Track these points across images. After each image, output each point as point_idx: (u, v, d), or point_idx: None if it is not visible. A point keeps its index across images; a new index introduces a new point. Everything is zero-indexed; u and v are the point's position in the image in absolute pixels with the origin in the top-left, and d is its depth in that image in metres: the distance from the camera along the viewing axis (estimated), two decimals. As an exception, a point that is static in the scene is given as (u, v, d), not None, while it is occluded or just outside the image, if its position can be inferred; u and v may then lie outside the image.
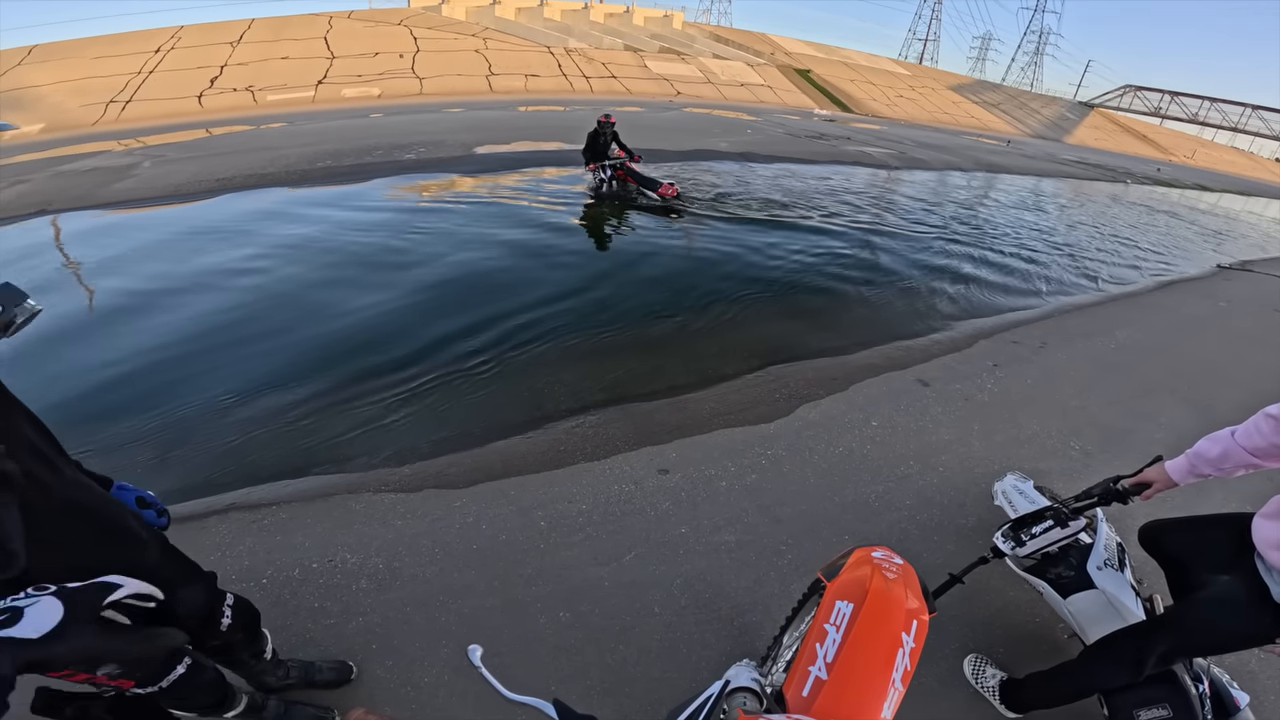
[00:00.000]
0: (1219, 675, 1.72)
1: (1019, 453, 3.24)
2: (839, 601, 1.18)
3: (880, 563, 1.28)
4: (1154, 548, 1.78)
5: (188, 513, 2.53)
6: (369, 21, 33.93)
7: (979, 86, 61.35)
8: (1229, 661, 2.09)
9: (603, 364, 3.98)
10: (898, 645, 1.09)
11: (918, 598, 1.21)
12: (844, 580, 1.25)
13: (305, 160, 10.51)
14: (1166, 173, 30.95)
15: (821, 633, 1.13)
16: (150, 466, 2.90)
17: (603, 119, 8.44)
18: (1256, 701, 1.97)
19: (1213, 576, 1.50)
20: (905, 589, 1.20)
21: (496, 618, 2.08)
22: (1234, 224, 16.00)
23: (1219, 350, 5.15)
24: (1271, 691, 2.06)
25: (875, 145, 19.75)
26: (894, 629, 1.11)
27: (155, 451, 3.01)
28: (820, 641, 1.11)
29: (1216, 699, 1.65)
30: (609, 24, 44.85)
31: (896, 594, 1.17)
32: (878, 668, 1.06)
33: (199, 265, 5.58)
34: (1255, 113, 57.91)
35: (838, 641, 1.10)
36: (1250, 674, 2.10)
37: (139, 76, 24.65)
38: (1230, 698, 1.66)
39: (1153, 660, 1.51)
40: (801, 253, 6.77)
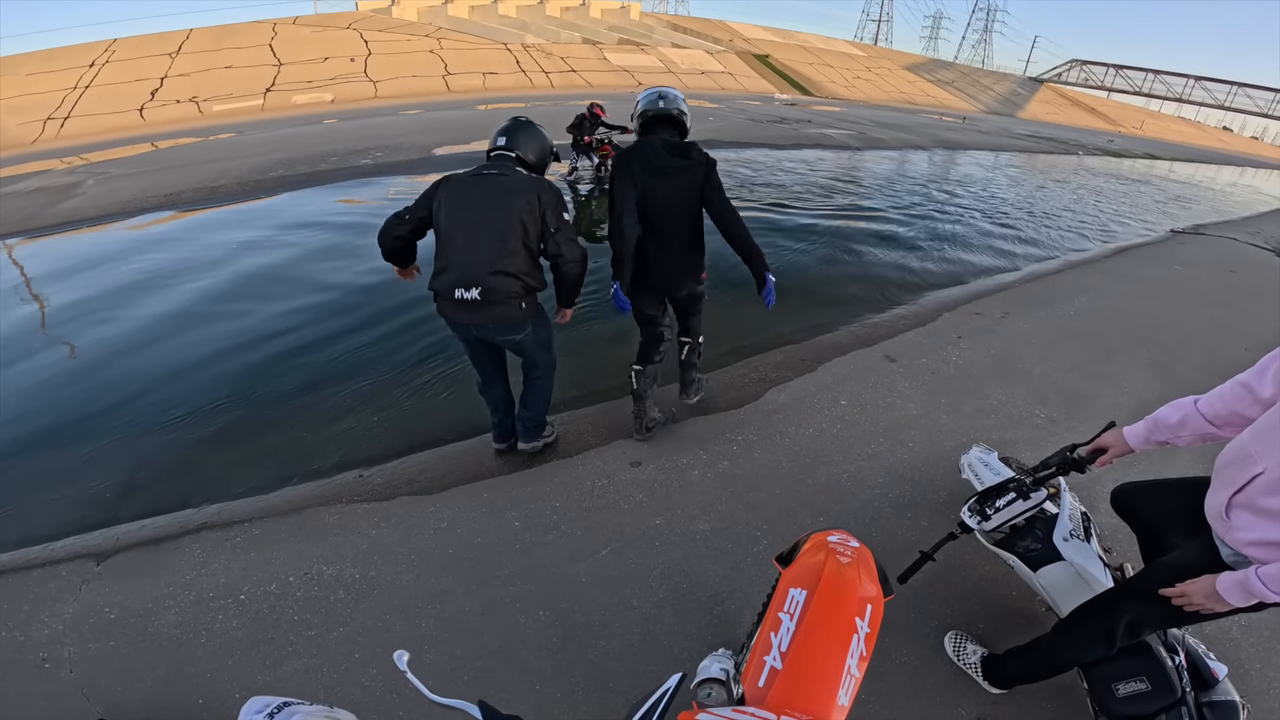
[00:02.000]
0: (1195, 646, 1.70)
1: (986, 423, 3.29)
2: (793, 589, 1.16)
3: (835, 547, 1.26)
4: (1126, 512, 1.77)
5: (160, 534, 2.50)
6: (315, 26, 32.93)
7: (933, 65, 62.28)
8: (1209, 630, 2.10)
9: (569, 359, 3.92)
10: (852, 631, 1.08)
11: (873, 581, 1.21)
12: (798, 567, 1.24)
13: (257, 170, 10.18)
14: (1118, 144, 31.83)
15: (776, 621, 1.11)
16: (118, 491, 2.85)
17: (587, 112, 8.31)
18: (1240, 670, 2.00)
19: (1179, 542, 1.48)
20: (860, 573, 1.19)
21: (476, 620, 2.07)
22: (1186, 190, 16.55)
23: (1176, 312, 5.29)
24: (1255, 660, 2.07)
25: (836, 127, 19.91)
26: (848, 615, 1.10)
27: (122, 474, 2.96)
28: (775, 630, 1.10)
29: (1194, 670, 1.63)
30: (566, 18, 44.33)
31: (850, 578, 1.16)
32: (832, 655, 1.05)
33: (145, 282, 5.37)
34: (1198, 83, 59.91)
35: (792, 630, 1.09)
36: (1233, 642, 2.11)
37: (75, 92, 23.58)
38: (1208, 669, 1.64)
39: (1122, 631, 1.48)
40: (765, 236, 6.78)
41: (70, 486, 2.88)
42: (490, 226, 2.25)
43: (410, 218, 2.34)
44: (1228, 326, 5.02)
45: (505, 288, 2.28)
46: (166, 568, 2.31)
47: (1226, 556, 1.28)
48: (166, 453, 3.12)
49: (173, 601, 2.16)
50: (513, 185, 2.28)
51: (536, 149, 2.47)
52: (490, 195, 2.29)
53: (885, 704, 1.85)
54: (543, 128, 2.50)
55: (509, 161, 2.36)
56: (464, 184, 2.29)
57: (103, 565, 2.34)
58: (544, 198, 2.30)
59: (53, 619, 2.10)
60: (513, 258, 2.27)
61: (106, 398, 3.61)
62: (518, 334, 2.45)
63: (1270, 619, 2.16)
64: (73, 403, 3.59)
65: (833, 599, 1.13)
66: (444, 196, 2.29)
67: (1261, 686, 1.98)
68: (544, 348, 2.64)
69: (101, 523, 2.63)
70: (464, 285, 2.26)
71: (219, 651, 1.98)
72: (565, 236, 2.32)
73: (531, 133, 2.46)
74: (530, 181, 2.31)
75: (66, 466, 3.03)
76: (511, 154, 2.38)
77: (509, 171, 2.31)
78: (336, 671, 1.91)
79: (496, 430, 2.89)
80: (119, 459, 3.07)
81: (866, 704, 1.84)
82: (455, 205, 2.28)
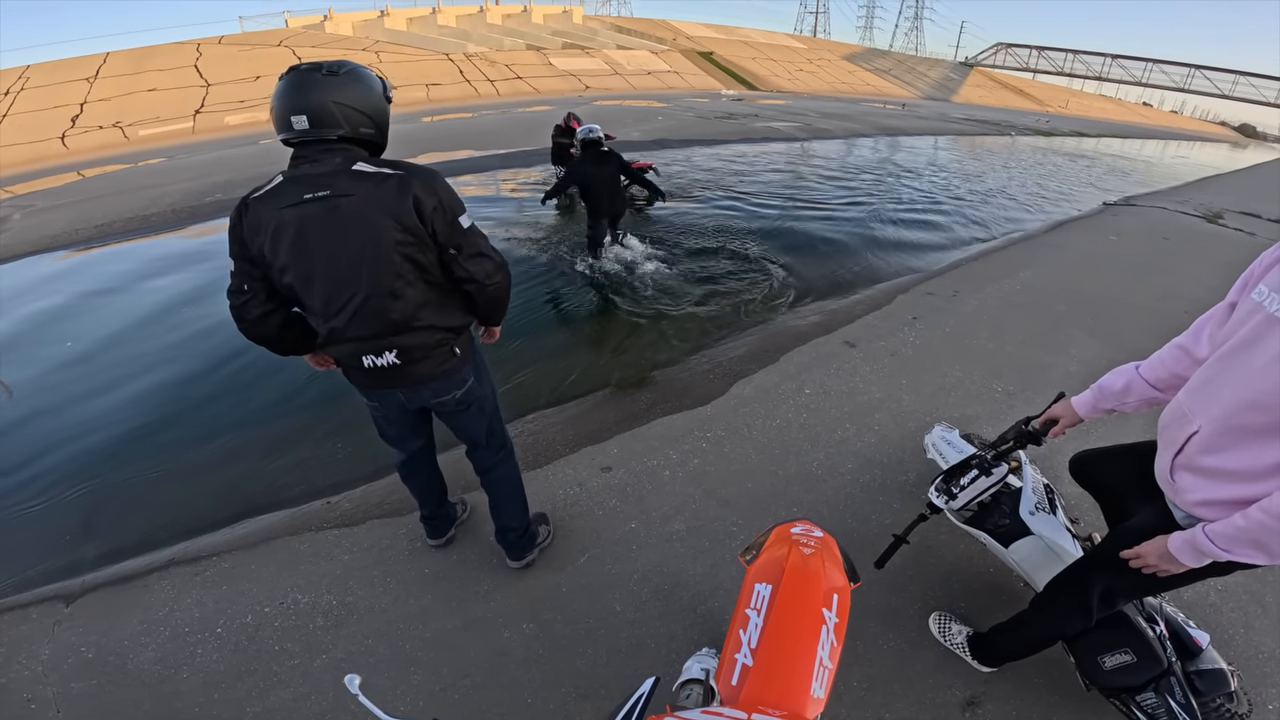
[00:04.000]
0: (1174, 615, 1.71)
1: (947, 401, 3.35)
2: (758, 584, 1.15)
3: (798, 539, 1.25)
4: (1084, 479, 1.78)
5: (127, 573, 2.43)
6: (243, 45, 31.79)
7: (870, 54, 64.12)
8: (1187, 597, 2.14)
9: (528, 370, 3.88)
10: (820, 622, 1.06)
11: (839, 570, 1.19)
12: (762, 562, 1.22)
13: (192, 196, 9.75)
14: (1044, 123, 33.26)
15: (744, 618, 1.10)
16: (77, 535, 2.74)
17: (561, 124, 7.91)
18: (1224, 636, 2.03)
19: (1137, 507, 1.47)
20: (824, 563, 1.18)
21: (460, 638, 2.03)
22: (1114, 164, 17.39)
23: (1116, 280, 5.52)
24: (1238, 625, 2.09)
25: (782, 120, 20.28)
26: (815, 606, 1.09)
27: (80, 516, 2.86)
28: (744, 627, 1.08)
29: (1177, 640, 1.63)
30: (508, 25, 43.97)
31: (814, 569, 1.15)
32: (802, 647, 1.03)
33: (86, 314, 5.07)
34: (1115, 61, 63.22)
35: (760, 625, 1.07)
36: (1212, 607, 2.14)
37: None
38: (1190, 638, 1.64)
39: (1096, 601, 1.48)
40: (719, 232, 6.85)
41: (27, 531, 2.80)
42: (356, 276, 1.52)
43: (250, 288, 1.57)
44: (1166, 291, 5.27)
45: (426, 340, 1.68)
46: (137, 606, 2.25)
47: (1180, 519, 1.30)
48: (122, 493, 3.00)
49: (149, 638, 2.11)
50: (363, 207, 1.46)
51: (363, 104, 1.52)
52: (334, 233, 1.47)
53: (877, 689, 1.85)
54: (359, 70, 1.55)
55: (332, 154, 1.48)
56: (282, 223, 1.46)
57: (72, 606, 2.28)
58: (423, 204, 1.50)
59: (30, 660, 2.07)
60: (411, 308, 1.61)
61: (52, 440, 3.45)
62: (459, 388, 1.85)
63: (1247, 583, 2.24)
64: (18, 445, 3.43)
65: (798, 591, 1.12)
66: (265, 242, 1.48)
67: (1249, 652, 2.00)
68: (491, 415, 2.03)
69: (64, 566, 2.55)
70: (371, 351, 1.65)
71: (204, 685, 1.94)
72: (471, 251, 1.62)
73: (338, 84, 1.47)
74: (390, 188, 1.47)
75: (19, 512, 2.92)
76: (331, 135, 1.48)
77: (342, 178, 1.46)
78: (325, 700, 1.86)
79: (430, 525, 2.34)
80: (73, 502, 2.96)
81: (859, 691, 1.85)
82: (291, 254, 1.49)
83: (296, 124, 1.45)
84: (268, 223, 1.47)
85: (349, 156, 1.50)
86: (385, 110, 1.61)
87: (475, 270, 1.64)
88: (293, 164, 1.50)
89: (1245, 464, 1.10)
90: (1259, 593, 2.22)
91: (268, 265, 1.52)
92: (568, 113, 8.12)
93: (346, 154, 1.50)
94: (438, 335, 1.70)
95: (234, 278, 1.58)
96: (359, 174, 1.47)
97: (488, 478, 2.14)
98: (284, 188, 1.47)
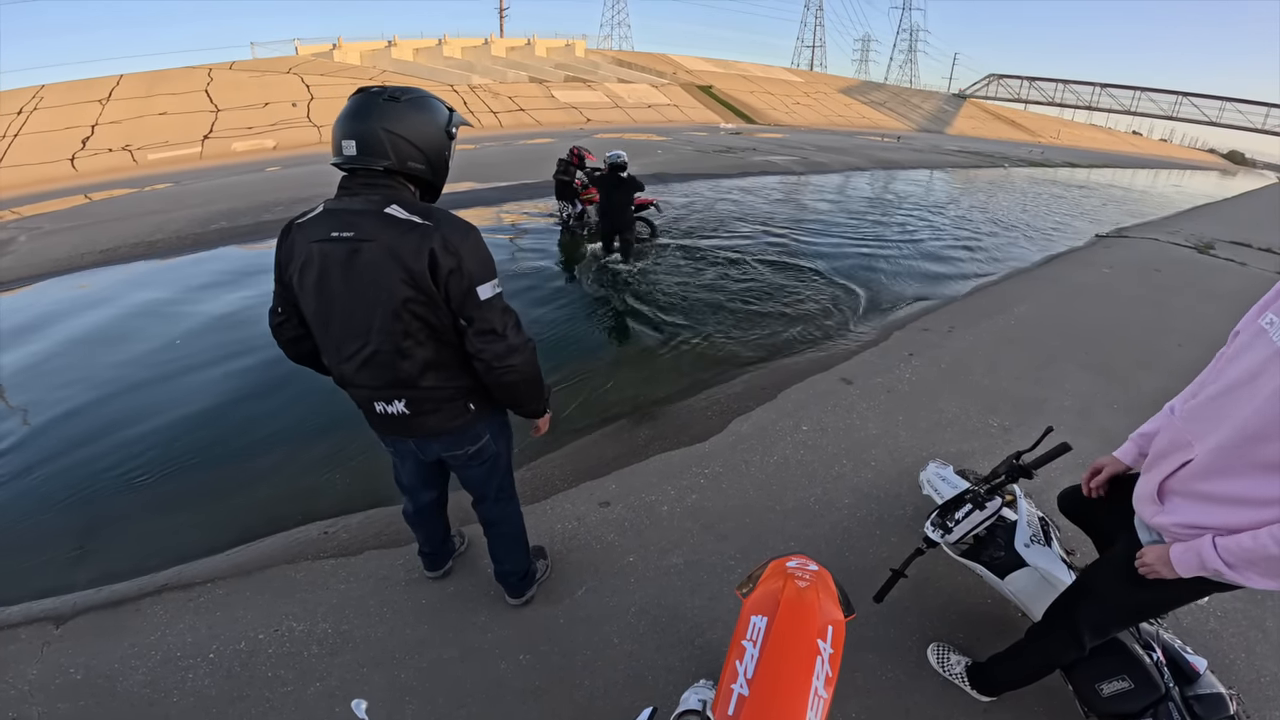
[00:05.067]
0: (1171, 641, 1.73)
1: (943, 436, 3.38)
2: (754, 616, 1.18)
3: (793, 572, 1.28)
4: (1072, 514, 1.83)
5: (119, 596, 2.44)
6: (254, 71, 32.47)
7: (865, 87, 65.59)
8: (1186, 623, 2.17)
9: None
10: (815, 653, 1.10)
11: (834, 603, 1.23)
12: (758, 594, 1.25)
13: (197, 223, 9.86)
14: (1044, 154, 33.89)
15: (740, 649, 1.13)
16: (70, 558, 2.74)
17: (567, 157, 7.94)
18: (1225, 661, 2.05)
19: (1122, 536, 1.48)
20: (819, 595, 1.21)
21: (456, 668, 2.03)
22: (1105, 194, 17.69)
23: (1109, 313, 5.60)
24: (1239, 650, 2.11)
25: (779, 154, 20.65)
26: (809, 637, 1.12)
27: (74, 538, 2.86)
28: (740, 658, 1.11)
29: (1174, 665, 1.64)
30: (512, 57, 45.00)
31: (809, 601, 1.18)
32: (798, 678, 1.06)
33: (92, 339, 5.10)
34: (1104, 90, 64.72)
35: (756, 656, 1.10)
36: (1213, 633, 2.17)
37: (4, 140, 22.60)
38: (1187, 663, 1.65)
39: (1087, 631, 1.50)
40: (718, 267, 6.94)
41: (21, 552, 2.79)
42: (367, 328, 1.47)
43: (284, 311, 1.60)
44: (1159, 324, 5.34)
45: (437, 394, 1.60)
46: (128, 629, 2.25)
47: (1145, 541, 1.33)
48: (120, 517, 3.01)
49: (139, 661, 2.10)
50: (380, 257, 1.38)
51: (417, 135, 1.44)
52: (351, 280, 1.42)
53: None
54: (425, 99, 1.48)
55: (373, 188, 1.42)
56: (310, 258, 1.43)
57: (62, 628, 2.28)
58: (440, 263, 1.38)
59: (17, 679, 2.07)
60: (418, 367, 1.53)
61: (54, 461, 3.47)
62: (472, 444, 1.77)
63: (1246, 608, 2.27)
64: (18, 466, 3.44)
65: (793, 623, 1.15)
66: (295, 273, 1.47)
67: (1250, 676, 2.02)
68: (503, 473, 1.97)
69: (57, 587, 2.54)
70: (382, 399, 1.59)
71: (194, 710, 1.93)
72: (483, 326, 1.47)
73: (396, 111, 1.41)
74: (411, 240, 1.37)
75: (15, 532, 2.94)
76: (377, 165, 1.41)
77: (370, 220, 1.38)
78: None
79: (428, 558, 2.34)
80: (70, 525, 2.97)
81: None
82: (314, 293, 1.47)
83: (345, 149, 1.40)
84: (300, 254, 1.45)
85: (389, 195, 1.41)
86: (442, 144, 1.50)
87: (483, 349, 1.49)
88: (338, 193, 1.47)
89: (1245, 492, 1.11)
90: (1259, 618, 2.24)
91: (295, 295, 1.52)
92: (571, 147, 8.17)
93: (388, 192, 1.42)
94: (449, 391, 1.61)
95: (274, 298, 1.60)
96: (388, 218, 1.38)
97: (491, 530, 2.11)
98: (320, 219, 1.43)
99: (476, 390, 1.66)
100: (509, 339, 1.51)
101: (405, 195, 1.45)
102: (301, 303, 1.52)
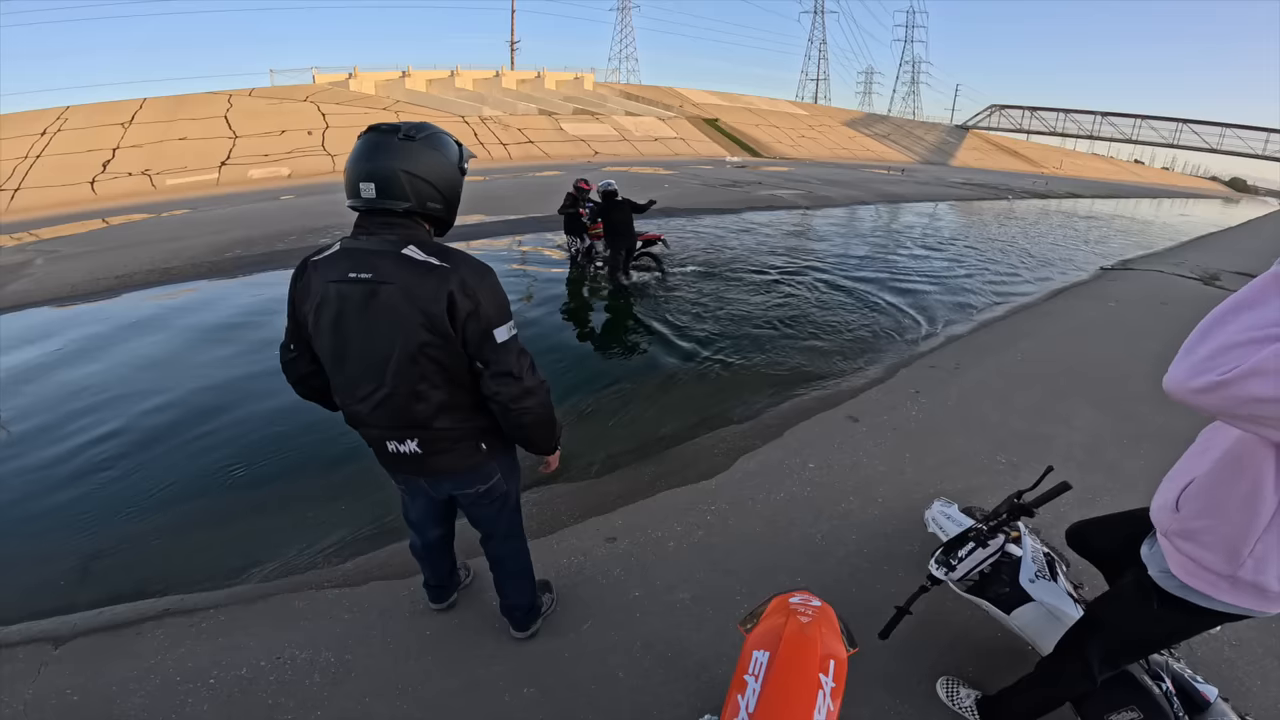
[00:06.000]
0: (1181, 671, 1.73)
1: (950, 473, 3.37)
2: (756, 651, 1.19)
3: (796, 608, 1.30)
4: (1080, 547, 1.85)
5: (120, 620, 2.43)
6: (272, 99, 33.39)
7: (869, 120, 66.75)
8: (1200, 653, 2.16)
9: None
10: (817, 687, 1.10)
11: (836, 638, 1.24)
12: (761, 630, 1.27)
13: (213, 250, 10.06)
14: (1043, 185, 34.21)
15: (742, 684, 1.14)
16: (73, 579, 2.76)
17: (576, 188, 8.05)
18: (1241, 689, 2.05)
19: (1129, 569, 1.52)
20: (821, 630, 1.22)
21: (459, 700, 2.02)
22: (1110, 225, 17.80)
23: (1115, 348, 5.60)
24: (1255, 678, 2.12)
25: (785, 187, 20.96)
26: (811, 672, 1.13)
27: (77, 561, 2.88)
28: (741, 693, 1.12)
29: (1185, 695, 1.65)
30: (522, 90, 46.17)
31: (811, 636, 1.19)
32: (800, 712, 1.07)
33: (99, 361, 5.17)
34: (1105, 119, 65.54)
35: (758, 691, 1.11)
36: (1228, 663, 2.16)
37: (26, 161, 23.12)
38: (1198, 693, 1.67)
39: (1097, 664, 1.51)
40: (725, 305, 7.00)
41: (22, 573, 2.82)
42: (382, 370, 1.48)
43: (296, 347, 1.61)
44: (1164, 358, 5.23)
45: (451, 435, 1.62)
46: (128, 653, 2.25)
47: (1155, 574, 1.35)
48: (123, 542, 3.03)
49: (137, 685, 2.09)
50: (398, 300, 1.40)
51: (435, 175, 1.46)
52: (367, 322, 1.44)
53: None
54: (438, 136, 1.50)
55: (390, 228, 1.44)
56: (326, 298, 1.45)
57: (61, 649, 2.28)
58: (458, 307, 1.41)
59: (13, 699, 2.07)
60: (433, 409, 1.55)
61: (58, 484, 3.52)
62: (483, 483, 1.80)
63: (1261, 637, 2.26)
64: (19, 489, 3.49)
65: (795, 658, 1.15)
66: (311, 312, 1.49)
67: (1266, 703, 2.02)
68: (511, 510, 1.99)
69: (56, 609, 2.55)
70: (394, 438, 1.61)
71: None
72: (499, 369, 1.50)
73: (413, 152, 1.42)
74: (430, 283, 1.39)
75: (16, 554, 2.96)
76: (397, 208, 1.43)
77: (388, 262, 1.40)
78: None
79: (432, 591, 2.33)
80: (72, 548, 2.99)
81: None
82: (329, 332, 1.48)
83: (364, 191, 1.41)
84: (315, 292, 1.46)
85: (406, 235, 1.44)
86: (457, 183, 1.54)
87: (499, 391, 1.51)
88: (354, 231, 1.48)
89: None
90: (1275, 647, 2.23)
91: (309, 333, 1.53)
92: (576, 180, 8.32)
93: (405, 232, 1.45)
94: (462, 431, 1.63)
95: (286, 334, 1.62)
96: (406, 260, 1.40)
97: (498, 566, 2.12)
98: (337, 259, 1.44)
99: (489, 430, 1.68)
100: (525, 381, 1.53)
101: (421, 235, 1.49)
102: (316, 342, 1.53)
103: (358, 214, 1.48)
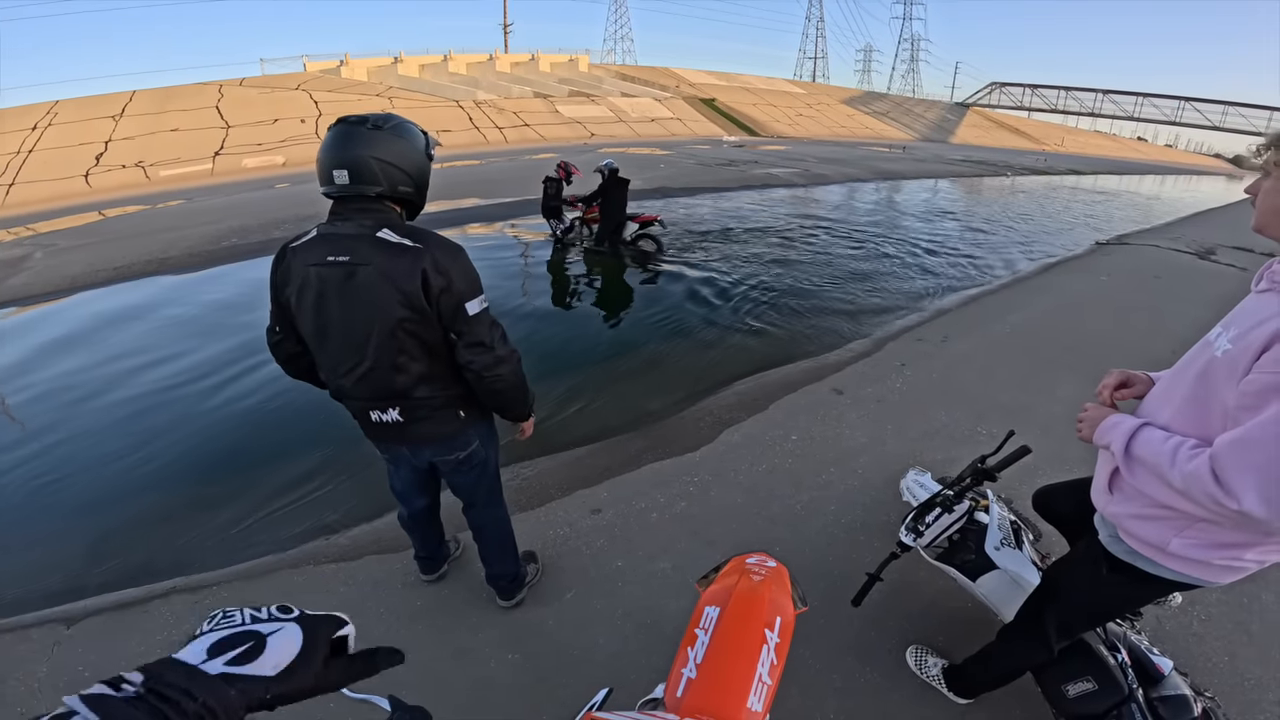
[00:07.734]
0: (1137, 643, 1.75)
1: (931, 444, 3.44)
2: (707, 607, 1.25)
3: (751, 568, 1.35)
4: (1044, 510, 1.89)
5: (127, 599, 2.50)
6: (263, 88, 33.04)
7: (868, 98, 65.94)
8: (1169, 626, 2.20)
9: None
10: (761, 642, 1.15)
11: (786, 596, 1.29)
12: (714, 588, 1.32)
13: (209, 240, 10.07)
14: (1043, 162, 33.89)
15: (693, 637, 1.19)
16: (83, 559, 2.85)
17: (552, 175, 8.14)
18: (1208, 665, 2.08)
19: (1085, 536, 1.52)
20: (772, 589, 1.27)
21: (447, 665, 2.11)
22: (1109, 201, 17.67)
23: (1103, 321, 5.63)
24: (1222, 654, 2.14)
25: (781, 166, 20.82)
26: (757, 627, 1.18)
27: (84, 542, 2.96)
28: (691, 645, 1.18)
29: (1140, 667, 1.67)
30: (516, 73, 45.61)
31: (761, 594, 1.24)
32: (742, 663, 1.11)
33: (101, 351, 5.25)
34: (1107, 97, 64.75)
35: (706, 643, 1.16)
36: (1196, 637, 2.19)
37: (19, 156, 23.03)
38: (1152, 664, 1.68)
39: (1053, 634, 1.54)
40: (712, 285, 7.02)
41: (32, 557, 2.90)
42: (363, 346, 1.57)
43: (281, 329, 1.69)
44: (1153, 330, 5.37)
45: (430, 403, 1.71)
46: (137, 630, 2.34)
47: (1104, 539, 1.38)
48: (129, 524, 3.10)
49: (147, 659, 2.13)
50: (375, 280, 1.48)
51: (405, 161, 1.55)
52: (347, 302, 1.53)
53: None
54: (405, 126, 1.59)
55: (365, 213, 1.52)
56: (307, 280, 1.53)
57: (73, 629, 2.36)
58: (431, 283, 1.50)
59: (27, 677, 2.15)
60: (413, 380, 1.64)
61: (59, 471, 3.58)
62: (462, 449, 1.89)
63: (1232, 611, 2.31)
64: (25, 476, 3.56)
65: (743, 613, 1.20)
66: (293, 295, 1.57)
67: (1233, 680, 2.04)
68: (491, 478, 2.08)
69: (67, 590, 2.64)
70: (377, 408, 1.70)
71: None
72: (471, 339, 1.60)
73: (382, 139, 1.50)
74: (404, 263, 1.48)
75: (25, 538, 3.05)
76: (369, 192, 1.51)
77: (364, 244, 1.48)
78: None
79: (423, 562, 2.43)
80: (79, 532, 3.06)
81: (838, 725, 1.89)
82: (311, 313, 1.57)
83: (338, 178, 1.48)
84: (296, 276, 1.54)
85: (380, 219, 1.52)
86: (426, 168, 1.63)
87: (473, 360, 1.62)
88: (329, 218, 1.55)
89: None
90: (1244, 621, 2.28)
91: (292, 315, 1.62)
92: (559, 161, 8.36)
93: (379, 215, 1.52)
94: (440, 399, 1.72)
95: (270, 317, 1.69)
96: (381, 242, 1.48)
97: (480, 535, 2.20)
98: (315, 244, 1.52)
99: (466, 399, 1.78)
100: (496, 350, 1.63)
101: (394, 218, 1.57)
102: (299, 323, 1.62)
103: (332, 201, 1.56)
